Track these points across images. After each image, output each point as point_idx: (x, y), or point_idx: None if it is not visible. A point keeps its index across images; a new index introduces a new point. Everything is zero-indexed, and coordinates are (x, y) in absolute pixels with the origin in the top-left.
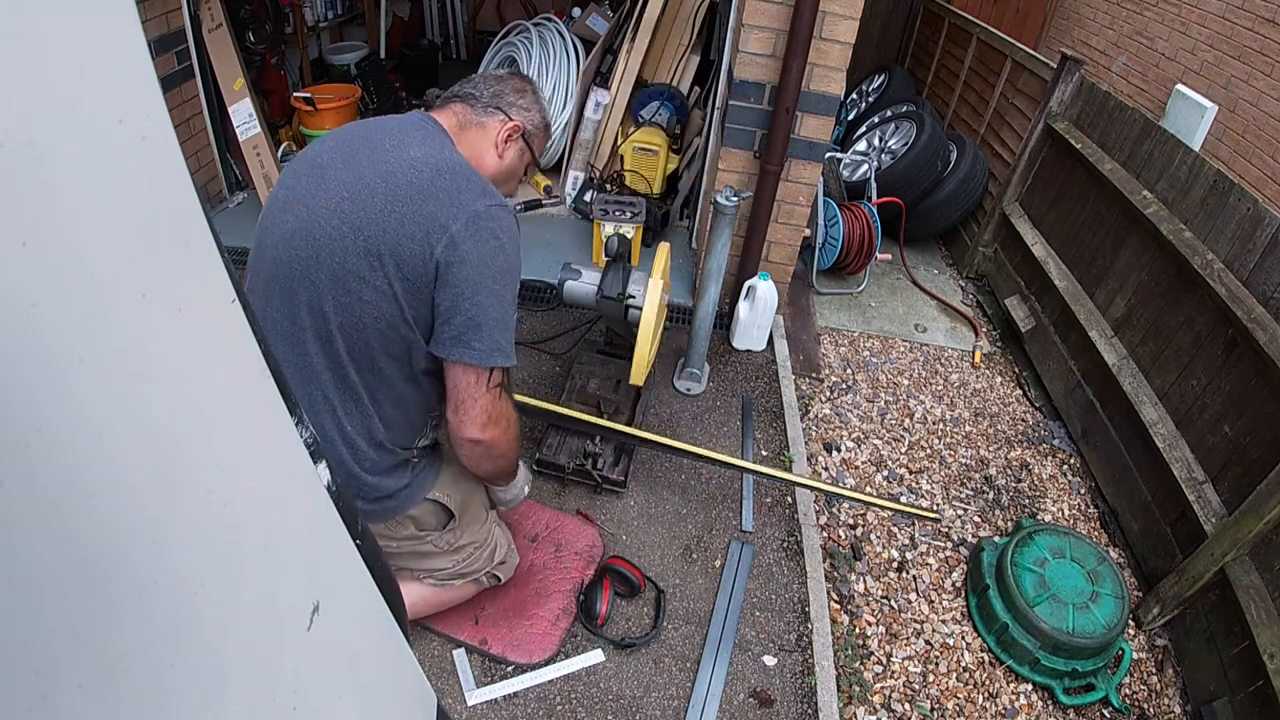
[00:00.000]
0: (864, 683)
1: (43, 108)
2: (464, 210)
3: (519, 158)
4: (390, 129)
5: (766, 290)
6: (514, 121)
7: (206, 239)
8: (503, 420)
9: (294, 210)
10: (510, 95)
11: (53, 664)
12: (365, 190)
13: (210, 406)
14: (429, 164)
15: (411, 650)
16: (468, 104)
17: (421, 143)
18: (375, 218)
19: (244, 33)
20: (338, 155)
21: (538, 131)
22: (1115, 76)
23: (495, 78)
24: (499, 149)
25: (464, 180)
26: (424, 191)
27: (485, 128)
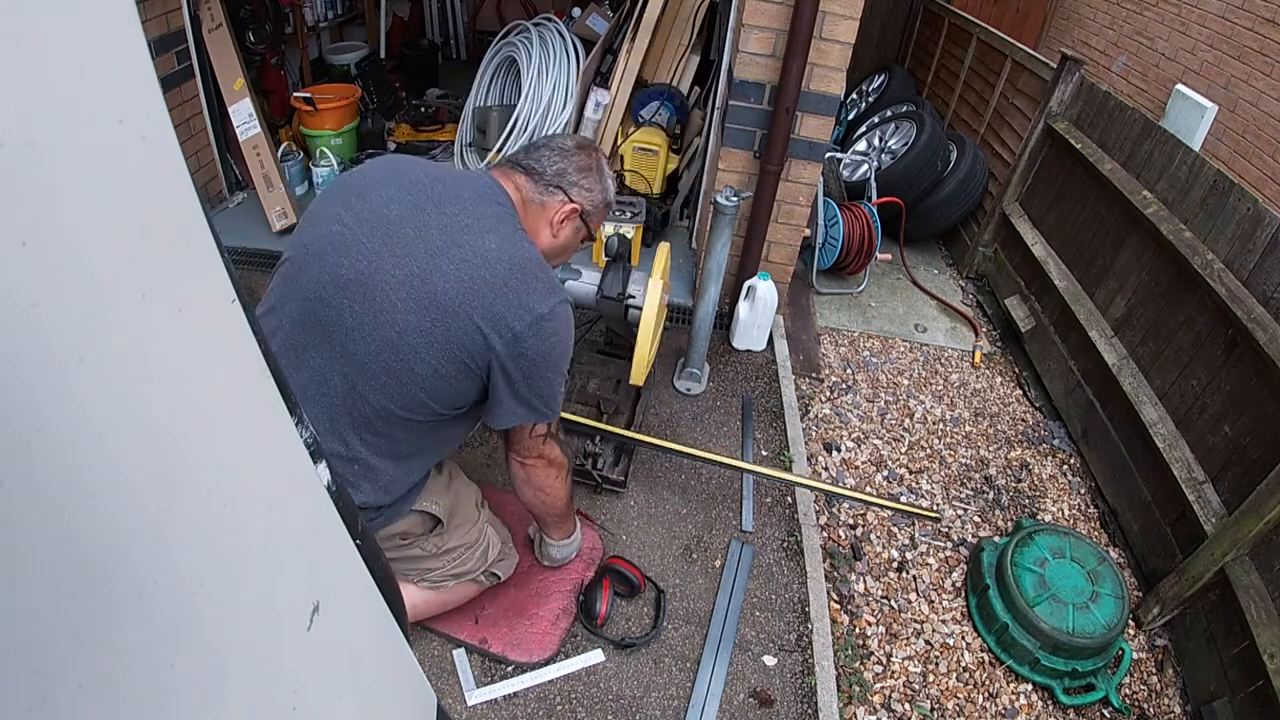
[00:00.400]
0: (864, 683)
1: (43, 108)
2: (530, 312)
3: (574, 235)
4: (463, 199)
5: (766, 290)
6: (573, 204)
7: (206, 239)
8: (558, 470)
9: (353, 259)
10: (573, 174)
11: (53, 664)
12: (438, 276)
13: (210, 406)
14: (503, 260)
15: (411, 650)
16: (531, 179)
17: (496, 229)
18: (446, 306)
19: (244, 33)
20: (407, 211)
21: (597, 210)
22: (1115, 76)
23: (561, 151)
24: (554, 228)
25: (534, 280)
26: (495, 289)
27: (545, 207)
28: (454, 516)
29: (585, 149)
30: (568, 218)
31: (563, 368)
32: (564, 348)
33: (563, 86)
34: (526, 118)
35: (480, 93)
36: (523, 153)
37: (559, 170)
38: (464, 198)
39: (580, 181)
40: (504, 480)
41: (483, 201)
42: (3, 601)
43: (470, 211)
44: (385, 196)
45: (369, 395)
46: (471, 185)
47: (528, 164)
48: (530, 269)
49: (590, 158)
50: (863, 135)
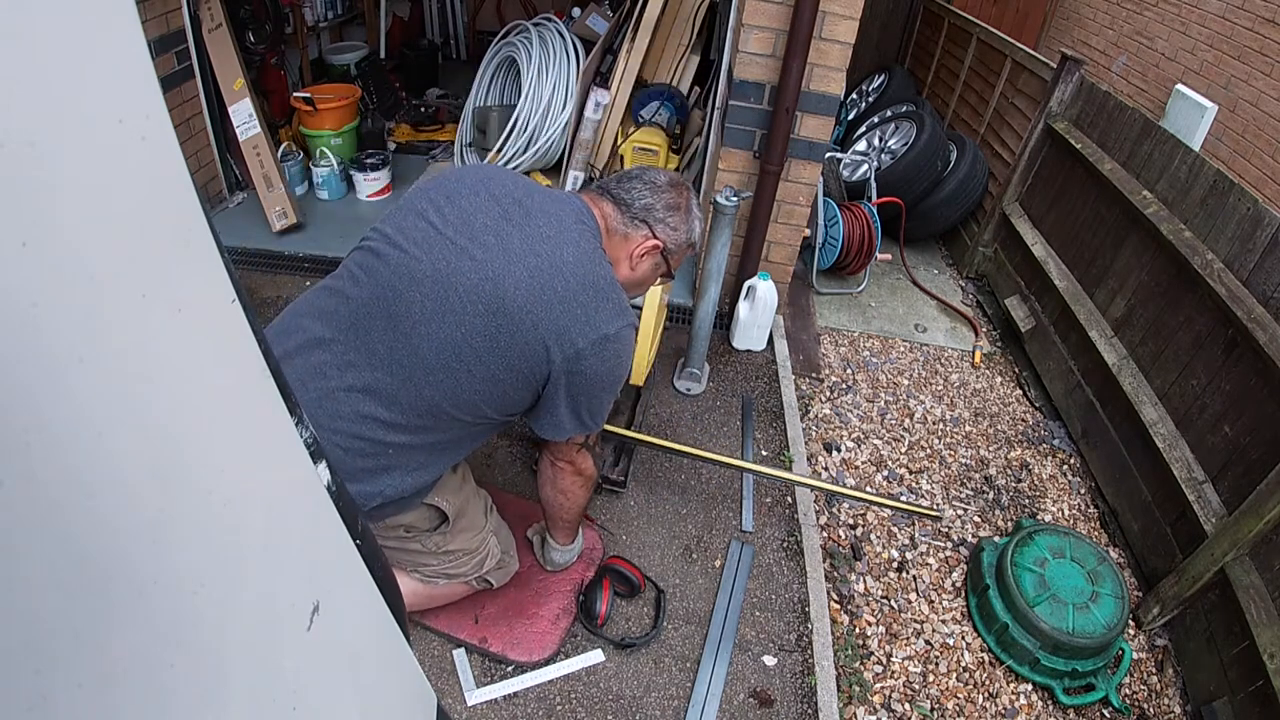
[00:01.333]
0: (864, 683)
1: (43, 108)
2: (596, 330)
3: (652, 271)
4: (550, 213)
5: (766, 290)
6: (656, 240)
7: (206, 239)
8: (586, 479)
9: (433, 258)
10: (660, 210)
11: (53, 664)
12: (510, 281)
13: (210, 406)
14: (578, 274)
15: (411, 650)
16: (619, 208)
17: (577, 243)
18: (513, 313)
19: (244, 33)
20: (493, 221)
21: (679, 249)
22: (1115, 76)
23: (652, 186)
24: (633, 261)
25: (605, 300)
26: (565, 302)
27: (628, 239)
28: (461, 518)
29: (677, 187)
30: (649, 253)
31: (617, 389)
32: (623, 370)
33: (563, 86)
34: (526, 118)
35: (480, 93)
36: (614, 181)
37: (646, 205)
38: (550, 213)
39: (667, 219)
40: (504, 480)
41: (568, 218)
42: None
43: (555, 225)
44: (474, 204)
45: (424, 388)
46: (560, 203)
47: (617, 194)
48: (603, 287)
49: (680, 196)
50: (863, 135)
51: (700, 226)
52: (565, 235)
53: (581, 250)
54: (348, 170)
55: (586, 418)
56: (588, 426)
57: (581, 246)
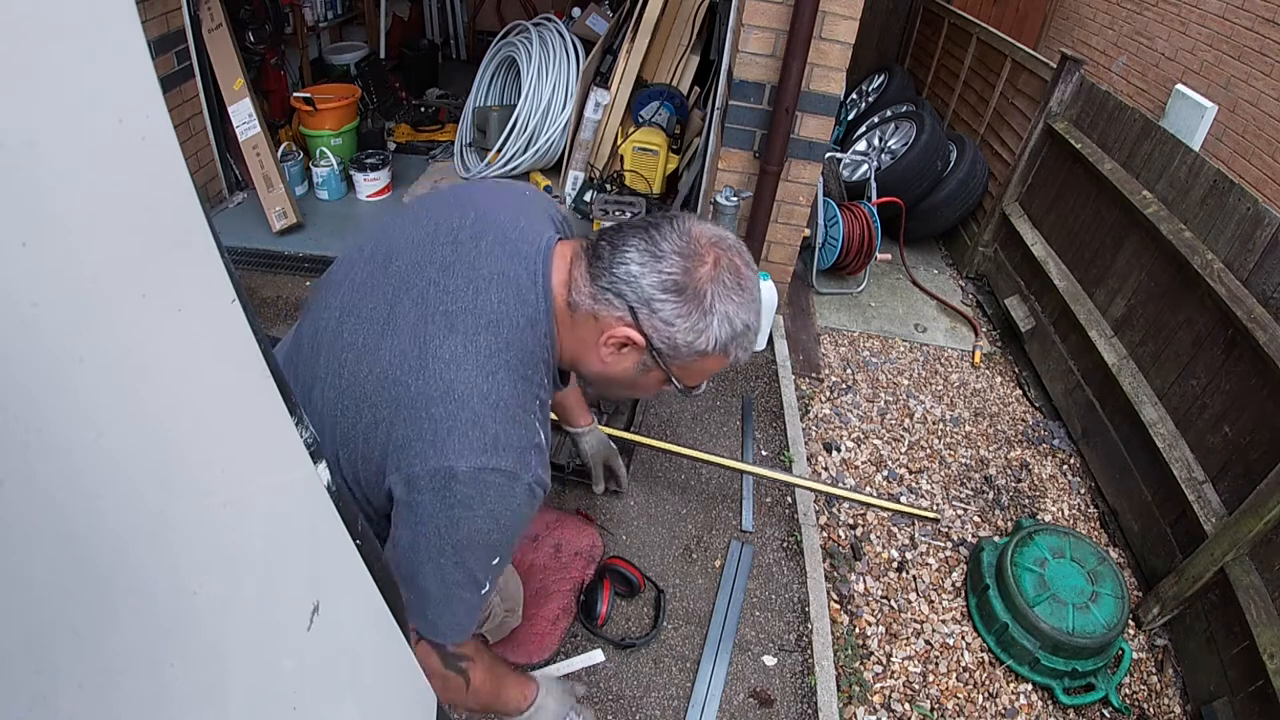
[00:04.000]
0: (864, 683)
1: (43, 108)
2: (439, 457)
3: (639, 373)
4: (478, 271)
5: (766, 290)
6: (632, 330)
7: (206, 239)
8: (439, 681)
9: (332, 302)
10: (649, 287)
11: (53, 664)
12: (369, 360)
13: (210, 407)
14: (443, 378)
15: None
16: (590, 265)
17: (477, 333)
18: (360, 397)
19: (244, 33)
20: (408, 267)
21: (682, 357)
22: (1115, 76)
23: (652, 247)
24: (600, 354)
25: (464, 423)
26: (412, 408)
27: (596, 319)
28: None
29: (694, 258)
30: (624, 345)
31: (461, 572)
32: (479, 534)
33: (563, 86)
34: (526, 118)
35: (480, 93)
36: (613, 227)
37: (629, 275)
38: (480, 270)
39: (657, 303)
40: None
41: (499, 286)
42: (3, 601)
43: (470, 293)
44: (408, 239)
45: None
46: (509, 258)
47: (599, 247)
48: (471, 405)
49: (696, 274)
50: (863, 135)
51: (740, 328)
52: (473, 317)
53: (477, 348)
54: (348, 170)
55: (415, 597)
56: (419, 617)
57: (480, 342)
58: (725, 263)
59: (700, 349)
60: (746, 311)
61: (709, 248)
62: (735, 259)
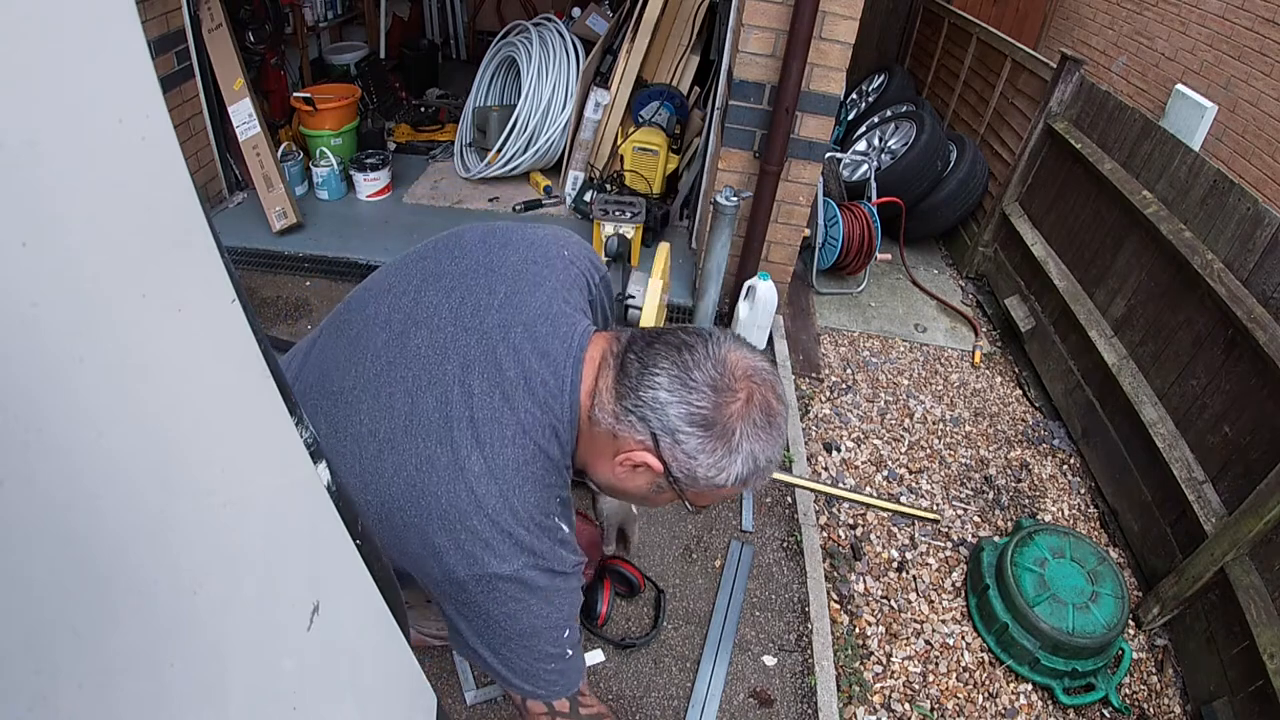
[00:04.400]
0: (864, 683)
1: (43, 108)
2: (482, 566)
3: (651, 491)
4: (504, 372)
5: (766, 290)
6: (652, 459)
7: (206, 239)
8: None
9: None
10: (677, 418)
11: (53, 664)
12: (391, 458)
13: (210, 406)
14: (464, 495)
15: (411, 650)
16: (616, 380)
17: (501, 448)
18: (386, 500)
19: (244, 33)
20: (430, 350)
21: (697, 485)
22: (1115, 76)
23: (684, 376)
24: (615, 469)
25: (504, 533)
26: (439, 518)
27: (615, 437)
28: None
29: (729, 391)
30: (640, 468)
31: (543, 648)
32: (539, 620)
33: (563, 86)
34: (526, 118)
35: (480, 93)
36: (648, 336)
37: (655, 401)
38: (507, 374)
39: (684, 437)
40: None
41: (526, 394)
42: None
43: (498, 399)
44: (429, 308)
45: None
46: (538, 358)
47: (627, 362)
48: (504, 520)
49: (724, 410)
50: (863, 135)
51: (762, 464)
52: (494, 428)
53: (500, 463)
54: (348, 170)
55: (507, 671)
56: (518, 687)
57: (505, 457)
58: (758, 399)
59: (719, 484)
60: (771, 448)
61: (743, 381)
62: (769, 395)
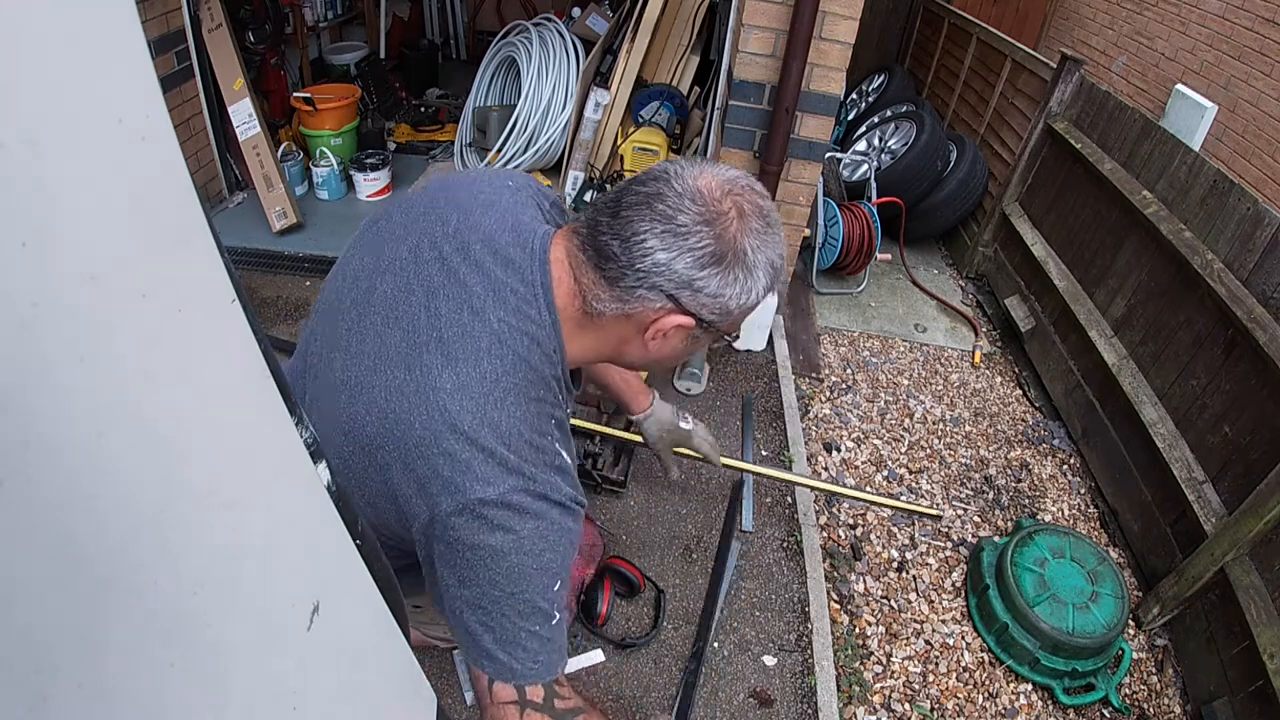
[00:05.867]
0: (864, 683)
1: (42, 108)
2: (464, 494)
3: (688, 345)
4: (469, 289)
5: None
6: (681, 317)
7: (206, 239)
8: None
9: (322, 337)
10: (687, 269)
11: (53, 664)
12: (364, 399)
13: (210, 407)
14: (447, 413)
15: (412, 650)
16: (604, 275)
17: (475, 358)
18: (365, 442)
19: (244, 33)
20: (394, 291)
21: (731, 317)
22: (1115, 76)
23: (670, 224)
24: (647, 342)
25: (486, 452)
26: (421, 447)
27: (628, 319)
28: None
29: (719, 217)
30: (671, 332)
31: (530, 596)
32: (528, 557)
33: (563, 86)
34: (526, 118)
35: (480, 93)
36: (608, 210)
37: (657, 266)
38: (472, 288)
39: (702, 283)
40: None
41: (496, 304)
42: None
43: (466, 314)
44: (390, 258)
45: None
46: (501, 268)
47: (605, 245)
48: (483, 438)
49: (726, 237)
50: (863, 135)
51: (779, 265)
52: (467, 341)
53: (480, 372)
54: (348, 170)
55: (488, 638)
56: (496, 660)
57: (482, 368)
58: (748, 208)
59: (751, 304)
60: (780, 245)
61: (726, 199)
62: (754, 199)
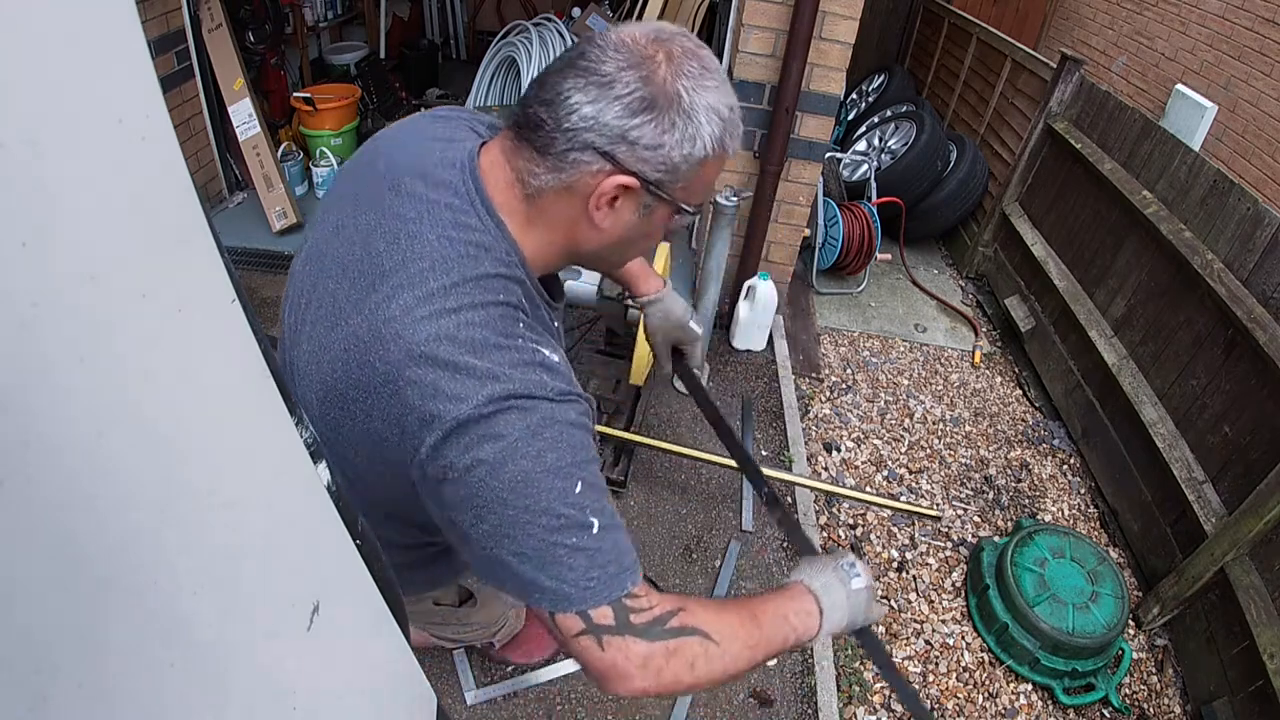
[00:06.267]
0: (864, 683)
1: (43, 108)
2: (441, 422)
3: (644, 219)
4: (404, 220)
5: (766, 290)
6: (618, 179)
7: (206, 239)
8: (635, 672)
9: (289, 312)
10: (617, 119)
11: (53, 664)
12: (329, 354)
13: (210, 407)
14: (404, 340)
15: (411, 650)
16: (533, 146)
17: (420, 279)
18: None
19: (244, 33)
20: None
21: (681, 176)
22: (1115, 76)
23: (595, 74)
24: (594, 220)
25: (452, 368)
26: (389, 385)
27: (571, 190)
28: (490, 598)
29: (647, 61)
30: (617, 198)
31: (549, 505)
32: (532, 462)
33: None
34: None
35: (480, 93)
36: (534, 86)
37: (585, 120)
38: (405, 216)
39: (637, 133)
40: None
41: (432, 222)
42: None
43: (403, 241)
44: (334, 223)
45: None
46: (432, 188)
47: (531, 116)
48: (444, 354)
49: (655, 80)
50: (863, 135)
51: (727, 114)
52: (409, 265)
53: (427, 289)
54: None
55: (527, 563)
56: (545, 589)
57: (428, 284)
58: (679, 51)
59: (699, 156)
60: (724, 93)
61: (653, 46)
62: (685, 44)
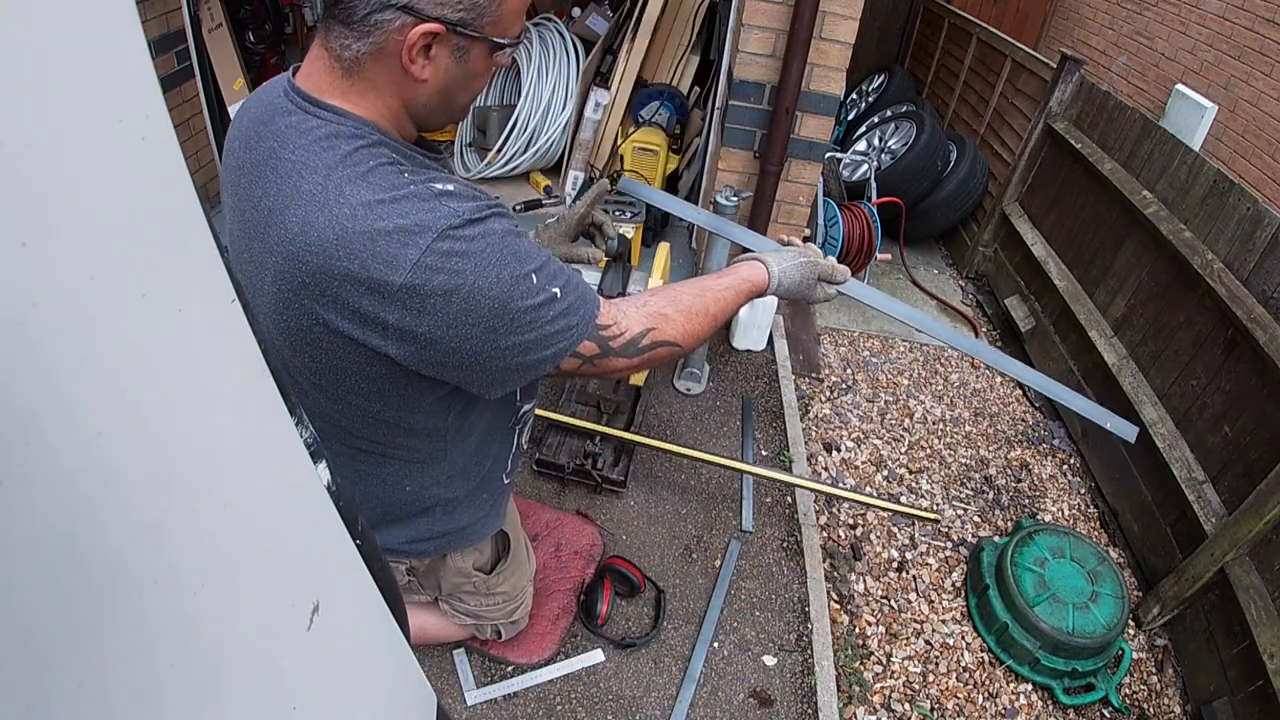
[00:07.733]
0: (864, 683)
1: (42, 108)
2: (403, 262)
3: (461, 64)
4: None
5: None
6: (423, 26)
7: (206, 239)
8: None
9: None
10: None
11: (53, 664)
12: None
13: (210, 407)
14: (321, 243)
15: (411, 650)
16: (338, 21)
17: (303, 179)
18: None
19: (244, 33)
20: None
21: (486, 11)
22: (1115, 76)
23: None
24: (414, 76)
25: (381, 237)
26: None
27: (383, 51)
28: (514, 554)
29: None
30: (430, 45)
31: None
32: (482, 278)
33: (563, 86)
34: (526, 118)
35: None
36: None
37: None
38: (264, 160)
39: None
40: None
41: (289, 150)
42: (3, 601)
43: (270, 175)
44: (230, 200)
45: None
46: (267, 126)
47: (331, 11)
48: (352, 244)
49: None
50: (863, 135)
51: None
52: (289, 182)
53: (310, 195)
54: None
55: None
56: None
57: (304, 185)
58: None
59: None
60: None
61: None
62: None
